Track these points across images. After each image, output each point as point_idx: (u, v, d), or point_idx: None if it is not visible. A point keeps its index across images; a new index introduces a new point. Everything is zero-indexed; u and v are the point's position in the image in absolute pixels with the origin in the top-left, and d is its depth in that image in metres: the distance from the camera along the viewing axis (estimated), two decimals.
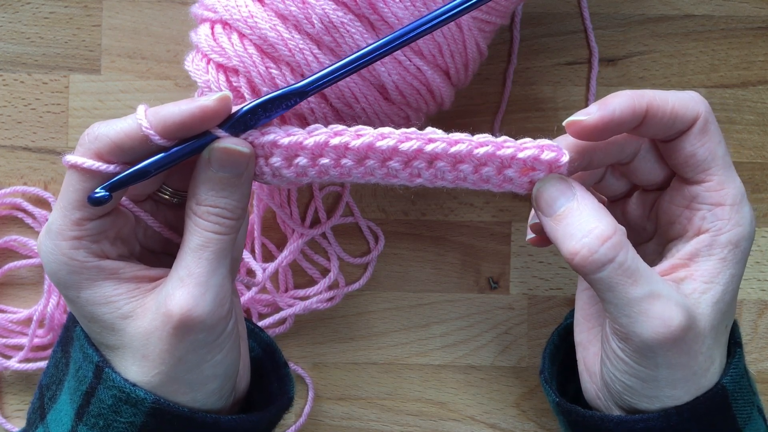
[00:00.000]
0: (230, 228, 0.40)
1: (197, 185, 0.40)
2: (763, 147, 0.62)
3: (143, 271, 0.42)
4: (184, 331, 0.39)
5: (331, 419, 0.61)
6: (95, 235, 0.40)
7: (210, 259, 0.40)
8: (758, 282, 0.62)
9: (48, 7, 0.60)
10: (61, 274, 0.40)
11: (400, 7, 0.46)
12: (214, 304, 0.39)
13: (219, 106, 0.39)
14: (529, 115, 0.61)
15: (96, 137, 0.40)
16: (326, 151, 0.40)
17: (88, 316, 0.41)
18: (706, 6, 0.61)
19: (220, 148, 0.39)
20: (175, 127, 0.39)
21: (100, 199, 0.39)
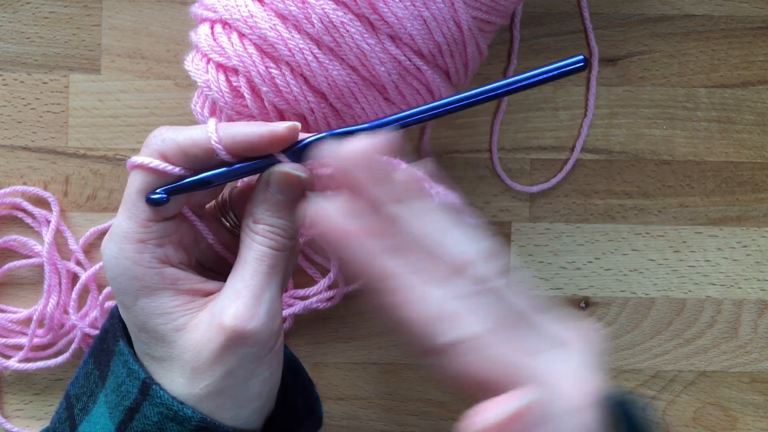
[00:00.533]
0: (284, 245, 0.41)
1: (255, 205, 0.42)
2: (763, 147, 0.62)
3: (200, 284, 0.42)
4: (236, 343, 0.39)
5: (331, 419, 0.61)
6: (160, 238, 0.41)
7: (265, 272, 0.40)
8: (758, 282, 0.62)
9: (48, 7, 0.60)
10: (122, 279, 0.41)
11: (400, 7, 0.46)
12: (268, 318, 0.40)
13: (288, 134, 0.41)
14: (529, 115, 0.61)
15: (163, 140, 0.41)
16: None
17: (139, 324, 0.41)
18: (706, 6, 0.61)
19: (280, 172, 0.41)
20: (242, 146, 0.41)
21: (158, 200, 0.40)
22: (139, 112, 0.60)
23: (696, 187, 0.62)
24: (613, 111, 0.61)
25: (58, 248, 0.60)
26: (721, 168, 0.62)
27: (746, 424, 0.62)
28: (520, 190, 0.61)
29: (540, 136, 0.61)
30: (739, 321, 0.62)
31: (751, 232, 0.62)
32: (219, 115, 0.51)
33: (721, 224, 0.62)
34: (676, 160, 0.61)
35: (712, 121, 0.61)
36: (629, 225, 0.61)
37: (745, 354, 0.62)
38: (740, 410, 0.62)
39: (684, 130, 0.61)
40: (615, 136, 0.61)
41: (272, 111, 0.48)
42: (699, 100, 0.61)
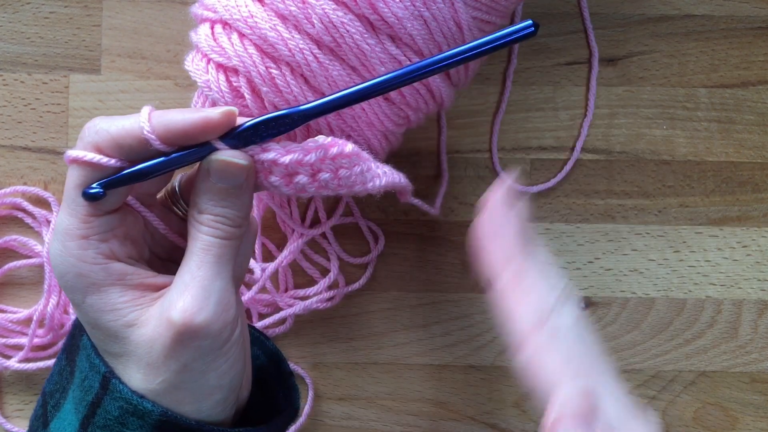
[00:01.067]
0: (231, 234, 0.40)
1: (198, 194, 0.40)
2: (763, 147, 0.62)
3: (150, 278, 0.41)
4: (187, 337, 0.38)
5: (331, 419, 0.61)
6: (103, 233, 0.40)
7: (212, 263, 0.39)
8: (758, 282, 0.62)
9: (48, 7, 0.60)
10: (68, 277, 0.40)
11: (400, 7, 0.46)
12: (218, 308, 0.39)
13: (222, 119, 0.39)
14: (529, 115, 0.61)
15: (96, 131, 0.39)
16: (325, 164, 0.41)
17: (92, 322, 0.40)
18: (706, 6, 0.61)
19: (218, 160, 0.39)
20: (176, 134, 0.39)
21: (94, 195, 0.39)
22: None
23: (696, 187, 0.62)
24: (613, 111, 0.61)
25: None
26: (721, 168, 0.62)
27: (746, 424, 0.62)
28: (520, 190, 0.61)
29: (540, 136, 0.61)
30: (739, 321, 0.62)
31: (751, 232, 0.62)
32: None
33: (721, 224, 0.62)
34: (676, 160, 0.61)
35: (712, 121, 0.61)
36: (629, 225, 0.61)
37: (745, 354, 0.62)
38: (740, 410, 0.62)
39: (684, 130, 0.61)
40: (615, 136, 0.61)
41: (272, 111, 0.48)
42: (699, 100, 0.61)
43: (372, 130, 0.51)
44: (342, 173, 0.41)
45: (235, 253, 0.41)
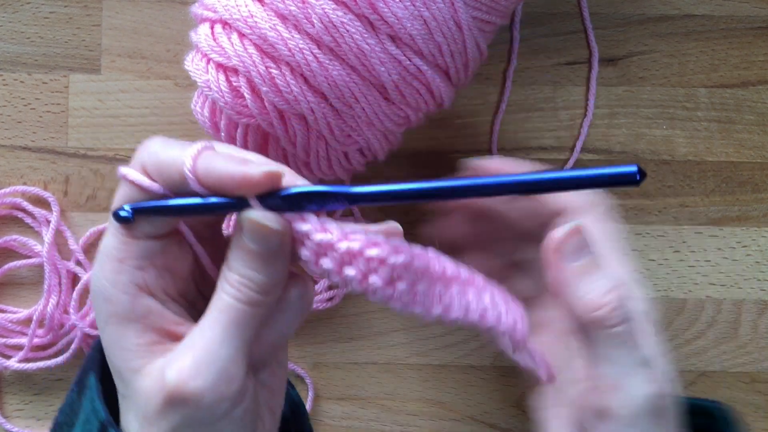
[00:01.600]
0: (253, 301, 0.36)
1: (231, 250, 0.37)
2: (763, 147, 0.62)
3: (173, 325, 0.38)
4: (175, 402, 0.35)
5: (331, 419, 0.61)
6: (140, 258, 0.37)
7: (224, 326, 0.36)
8: (758, 282, 0.62)
9: (48, 7, 0.60)
10: (98, 300, 0.37)
11: (400, 7, 0.46)
12: (217, 379, 0.35)
13: (263, 181, 0.36)
14: (529, 115, 0.61)
15: (149, 153, 0.37)
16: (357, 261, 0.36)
17: (106, 351, 0.38)
18: (706, 6, 0.61)
19: (249, 218, 0.36)
20: (213, 182, 0.36)
21: (123, 217, 0.37)
22: (139, 112, 0.61)
23: (696, 187, 0.62)
24: (613, 111, 0.61)
25: (58, 248, 0.60)
26: (721, 168, 0.62)
27: (746, 425, 0.62)
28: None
29: (540, 136, 0.61)
30: (739, 321, 0.62)
31: (751, 232, 0.62)
32: (219, 115, 0.51)
33: (721, 224, 0.62)
34: (676, 160, 0.61)
35: (712, 121, 0.61)
36: (629, 225, 0.61)
37: (745, 354, 0.62)
38: (740, 410, 0.62)
39: (684, 130, 0.61)
40: (615, 136, 0.61)
41: (272, 111, 0.48)
42: (699, 100, 0.61)
43: (372, 130, 0.51)
44: (372, 280, 0.36)
45: (254, 323, 0.37)
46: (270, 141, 0.51)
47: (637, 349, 0.39)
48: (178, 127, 0.60)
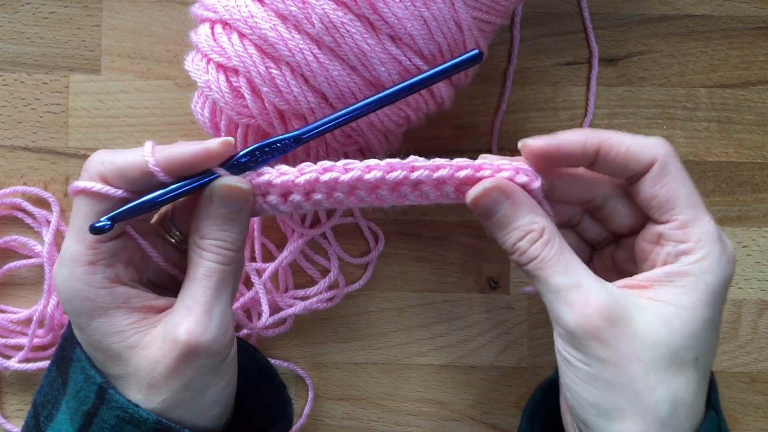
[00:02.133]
0: (231, 259, 0.43)
1: (200, 220, 0.43)
2: (763, 147, 0.62)
3: (152, 300, 0.43)
4: (191, 357, 0.41)
5: (331, 419, 0.61)
6: (109, 258, 0.42)
7: (214, 287, 0.42)
8: (758, 282, 0.62)
9: (48, 7, 0.60)
10: (75, 302, 0.42)
11: (400, 7, 0.46)
12: (219, 331, 0.41)
13: (222, 149, 0.42)
14: (529, 115, 0.61)
15: (101, 162, 0.42)
16: (318, 186, 0.43)
17: (94, 344, 0.42)
18: (706, 6, 0.61)
19: (222, 185, 0.42)
20: (179, 166, 0.42)
21: (101, 228, 0.41)
22: (139, 112, 0.61)
23: (696, 187, 0.61)
24: (613, 111, 0.61)
25: (59, 248, 0.60)
26: (721, 168, 0.62)
27: (746, 424, 0.62)
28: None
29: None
30: (739, 321, 0.62)
31: (751, 232, 0.62)
32: (219, 115, 0.51)
33: (721, 224, 0.61)
34: None
35: (712, 121, 0.61)
36: None
37: (745, 354, 0.62)
38: (740, 410, 0.62)
39: (684, 130, 0.61)
40: None
41: (272, 111, 0.48)
42: (699, 100, 0.61)
43: (372, 130, 0.51)
44: (337, 196, 0.43)
45: (233, 278, 0.43)
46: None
47: (550, 280, 0.41)
48: (178, 127, 0.61)
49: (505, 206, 0.42)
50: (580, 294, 0.40)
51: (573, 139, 0.43)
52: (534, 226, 0.42)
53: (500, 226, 0.43)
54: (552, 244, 0.42)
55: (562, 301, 0.41)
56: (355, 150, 0.52)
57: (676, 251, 0.42)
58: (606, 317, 0.40)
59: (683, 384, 0.40)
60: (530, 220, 0.42)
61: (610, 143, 0.42)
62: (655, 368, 0.40)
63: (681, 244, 0.42)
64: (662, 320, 0.40)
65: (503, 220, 0.43)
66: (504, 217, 0.43)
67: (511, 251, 0.43)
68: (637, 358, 0.39)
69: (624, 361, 0.39)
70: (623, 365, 0.39)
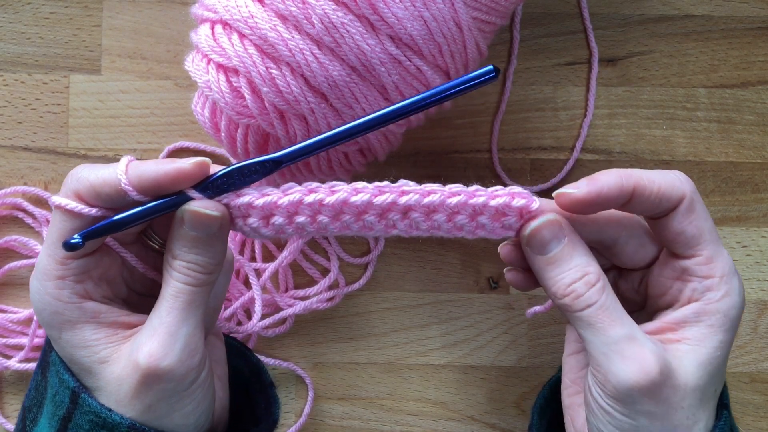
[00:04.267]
0: (201, 281, 0.41)
1: (172, 240, 0.42)
2: (763, 147, 0.62)
3: (123, 317, 0.43)
4: (151, 380, 0.40)
5: (331, 419, 0.61)
6: (79, 274, 0.42)
7: (180, 308, 0.41)
8: (758, 282, 0.62)
9: (48, 8, 0.60)
10: (45, 314, 0.42)
11: (400, 7, 0.46)
12: (183, 354, 0.40)
13: (194, 170, 0.41)
14: (529, 115, 0.61)
15: (78, 179, 0.41)
16: (301, 208, 0.41)
17: (68, 357, 0.42)
18: (706, 6, 0.61)
19: (191, 210, 0.41)
20: (150, 184, 0.41)
21: (74, 245, 0.40)
22: (139, 112, 0.61)
23: (696, 187, 0.61)
24: (612, 111, 0.61)
25: None
26: (720, 168, 0.62)
27: (746, 424, 0.62)
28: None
29: (540, 137, 0.61)
30: (739, 321, 0.62)
31: (751, 232, 0.62)
32: (219, 115, 0.51)
33: (721, 224, 0.62)
34: (675, 160, 0.61)
35: (712, 121, 0.61)
36: None
37: (745, 354, 0.62)
38: (740, 410, 0.62)
39: (684, 131, 0.62)
40: (615, 136, 0.61)
41: (272, 111, 0.48)
42: (699, 100, 0.61)
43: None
44: (322, 220, 0.41)
45: (204, 298, 0.42)
46: (270, 141, 0.51)
47: (605, 332, 0.40)
48: (178, 127, 0.61)
49: (564, 243, 0.41)
50: (637, 347, 0.40)
51: (611, 183, 0.41)
52: (590, 269, 0.41)
53: (555, 263, 0.41)
54: (608, 290, 0.41)
55: (618, 354, 0.39)
56: (355, 150, 0.52)
57: (703, 287, 0.42)
58: (663, 372, 0.39)
59: (710, 414, 0.42)
60: (587, 261, 0.41)
61: (643, 184, 0.42)
62: (693, 410, 0.40)
63: (706, 279, 0.42)
64: (698, 365, 0.41)
65: (559, 258, 0.41)
66: (560, 254, 0.41)
67: (563, 294, 0.41)
68: (680, 407, 0.40)
69: (670, 413, 0.40)
70: (669, 416, 0.40)
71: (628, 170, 0.42)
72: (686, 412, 0.40)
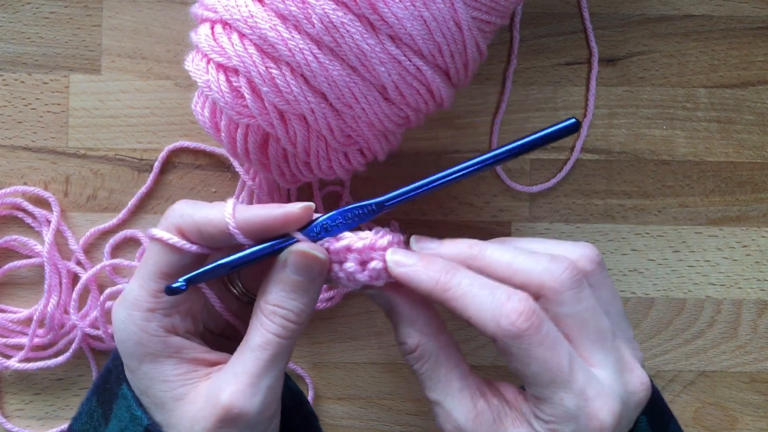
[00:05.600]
0: (292, 332, 0.41)
1: (270, 285, 0.42)
2: (763, 147, 0.62)
3: (204, 354, 0.43)
4: (227, 424, 0.40)
5: (331, 419, 0.61)
6: (168, 308, 0.42)
7: (267, 360, 0.41)
8: (758, 282, 0.62)
9: (48, 7, 0.60)
10: (128, 344, 0.42)
11: (400, 7, 0.46)
12: (263, 406, 0.40)
13: (302, 214, 0.42)
14: (529, 115, 0.61)
15: (181, 215, 0.41)
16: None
17: (143, 389, 0.42)
18: (706, 6, 0.61)
19: (298, 251, 0.41)
20: (258, 228, 0.41)
21: (176, 289, 0.41)
22: (139, 112, 0.61)
23: (696, 187, 0.62)
24: (612, 111, 0.61)
25: (59, 248, 0.60)
26: (720, 168, 0.62)
27: (746, 424, 0.62)
28: (520, 190, 0.61)
29: None
30: (739, 321, 0.62)
31: (751, 232, 0.62)
32: (219, 115, 0.51)
33: (720, 224, 0.62)
34: (675, 160, 0.61)
35: (711, 121, 0.61)
36: (629, 225, 0.61)
37: (745, 354, 0.62)
38: (740, 410, 0.62)
39: (684, 130, 0.62)
40: (615, 136, 0.61)
41: (272, 111, 0.48)
42: (699, 100, 0.61)
43: (372, 130, 0.51)
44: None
45: (289, 352, 0.42)
46: (270, 141, 0.51)
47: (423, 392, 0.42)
48: (178, 127, 0.61)
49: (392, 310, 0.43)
50: (442, 412, 0.41)
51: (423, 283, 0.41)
52: (408, 340, 0.42)
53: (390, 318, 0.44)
54: (423, 361, 0.42)
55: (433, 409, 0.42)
56: (356, 150, 0.52)
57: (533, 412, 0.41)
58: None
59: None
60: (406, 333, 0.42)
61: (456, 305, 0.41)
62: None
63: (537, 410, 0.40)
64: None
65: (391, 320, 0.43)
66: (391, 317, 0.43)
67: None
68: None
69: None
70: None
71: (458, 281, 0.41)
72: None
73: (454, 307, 0.40)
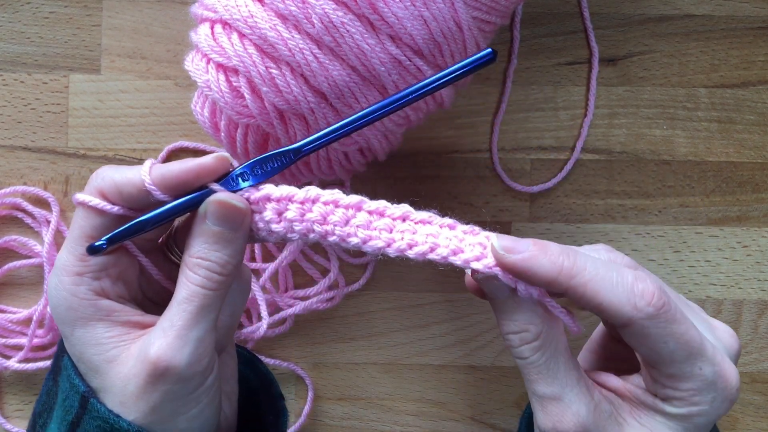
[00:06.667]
0: (217, 284, 0.41)
1: (192, 238, 0.41)
2: (763, 147, 0.62)
3: (137, 317, 0.43)
4: (157, 380, 0.40)
5: (331, 419, 0.61)
6: (96, 271, 0.42)
7: (193, 312, 0.40)
8: (758, 282, 0.62)
9: (48, 7, 0.60)
10: (60, 309, 0.42)
11: (400, 7, 0.46)
12: (192, 358, 0.40)
13: (216, 164, 0.41)
14: (529, 115, 0.61)
15: (102, 177, 0.41)
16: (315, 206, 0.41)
17: (77, 354, 0.42)
18: (706, 6, 0.61)
19: (216, 201, 0.41)
20: (174, 182, 0.41)
21: (98, 248, 0.41)
22: (139, 112, 0.61)
23: (696, 187, 0.62)
24: (613, 111, 0.61)
25: (58, 248, 0.60)
26: (721, 168, 0.62)
27: (746, 424, 0.62)
28: (521, 190, 0.61)
29: (540, 136, 0.61)
30: (739, 321, 0.62)
31: (751, 232, 0.62)
32: (219, 115, 0.51)
33: (721, 224, 0.62)
34: (676, 160, 0.61)
35: (712, 121, 0.61)
36: (629, 225, 0.61)
37: (745, 354, 0.62)
38: (740, 410, 0.62)
39: (684, 130, 0.61)
40: (615, 136, 0.61)
41: (272, 111, 0.48)
42: (699, 100, 0.61)
43: (372, 130, 0.51)
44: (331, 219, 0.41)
45: (218, 304, 0.41)
46: (270, 141, 0.51)
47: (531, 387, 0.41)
48: (178, 127, 0.61)
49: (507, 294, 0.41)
50: (559, 408, 0.40)
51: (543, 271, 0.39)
52: (531, 327, 0.41)
53: (500, 309, 0.42)
54: (543, 350, 0.41)
55: (540, 408, 0.41)
56: (355, 150, 0.52)
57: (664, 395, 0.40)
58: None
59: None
60: (529, 318, 0.41)
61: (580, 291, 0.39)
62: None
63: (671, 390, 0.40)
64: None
65: (504, 306, 0.41)
66: (505, 304, 0.41)
67: (503, 336, 0.42)
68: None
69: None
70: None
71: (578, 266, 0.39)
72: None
73: (582, 294, 0.38)
